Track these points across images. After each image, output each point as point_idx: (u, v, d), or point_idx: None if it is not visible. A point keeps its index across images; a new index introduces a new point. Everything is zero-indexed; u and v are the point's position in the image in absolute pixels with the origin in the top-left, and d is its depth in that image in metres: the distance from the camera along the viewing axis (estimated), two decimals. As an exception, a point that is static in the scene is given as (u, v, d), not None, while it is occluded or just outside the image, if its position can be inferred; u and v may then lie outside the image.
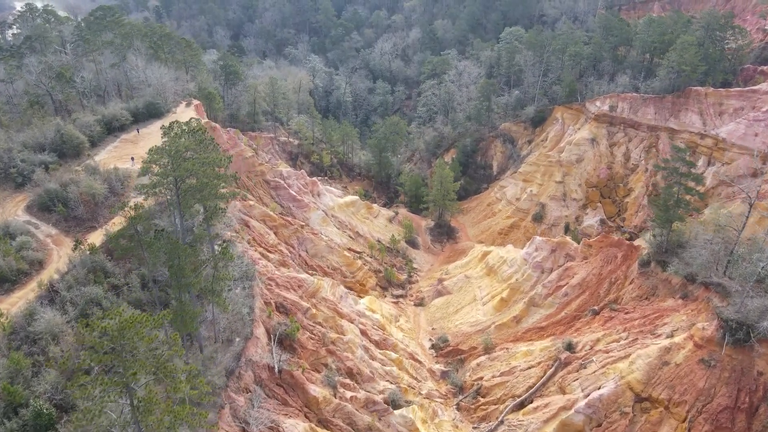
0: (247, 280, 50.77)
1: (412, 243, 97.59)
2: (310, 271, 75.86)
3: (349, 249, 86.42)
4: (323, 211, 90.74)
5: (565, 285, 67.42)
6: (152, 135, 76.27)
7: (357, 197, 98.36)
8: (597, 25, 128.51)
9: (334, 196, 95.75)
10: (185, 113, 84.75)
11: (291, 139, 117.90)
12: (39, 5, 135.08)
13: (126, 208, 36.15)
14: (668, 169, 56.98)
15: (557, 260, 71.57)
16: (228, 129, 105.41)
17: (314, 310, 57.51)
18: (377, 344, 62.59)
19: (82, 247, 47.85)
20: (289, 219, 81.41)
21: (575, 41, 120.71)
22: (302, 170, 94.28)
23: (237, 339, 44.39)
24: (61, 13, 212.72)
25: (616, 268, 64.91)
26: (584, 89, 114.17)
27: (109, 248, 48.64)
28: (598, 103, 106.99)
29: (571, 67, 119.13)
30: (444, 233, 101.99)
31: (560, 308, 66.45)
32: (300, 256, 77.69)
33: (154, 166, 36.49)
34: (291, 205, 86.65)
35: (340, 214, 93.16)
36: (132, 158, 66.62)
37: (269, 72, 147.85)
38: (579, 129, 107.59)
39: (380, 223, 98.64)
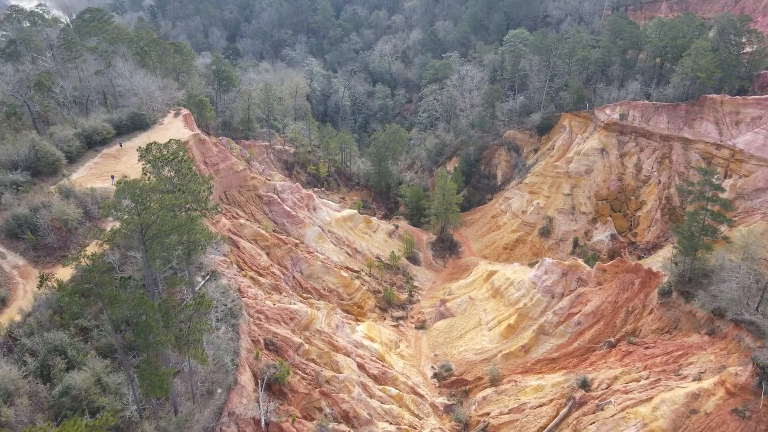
0: (232, 318, 46.08)
1: (413, 259, 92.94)
2: (305, 295, 71.25)
3: (347, 268, 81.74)
4: (319, 226, 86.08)
5: (577, 313, 62.75)
6: (136, 149, 71.63)
7: (355, 211, 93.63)
8: (605, 28, 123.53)
9: (330, 210, 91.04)
10: (173, 124, 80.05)
11: (287, 147, 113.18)
12: (28, 7, 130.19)
13: (81, 257, 31.31)
14: (693, 193, 52.23)
15: (569, 284, 66.89)
16: (220, 138, 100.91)
17: (307, 346, 52.85)
18: (376, 379, 57.95)
19: (49, 283, 43.16)
20: (283, 237, 76.73)
21: (582, 45, 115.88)
22: (297, 183, 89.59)
23: (218, 390, 39.73)
24: (55, 12, 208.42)
25: (633, 296, 60.23)
26: (593, 96, 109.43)
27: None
28: (607, 111, 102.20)
29: (579, 72, 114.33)
30: (446, 248, 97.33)
31: (573, 338, 61.79)
32: (294, 277, 73.03)
33: (114, 210, 31.69)
34: (285, 222, 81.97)
35: (338, 230, 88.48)
36: (112, 176, 61.88)
37: (265, 76, 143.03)
38: (588, 138, 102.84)
39: (379, 238, 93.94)
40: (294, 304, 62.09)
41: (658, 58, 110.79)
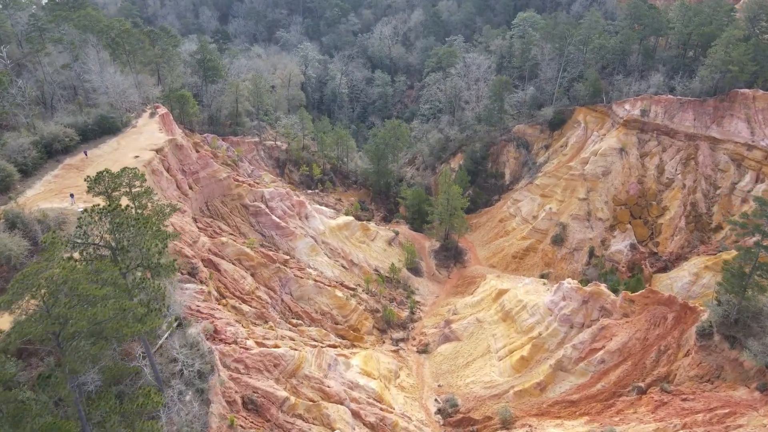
0: (201, 381, 38.80)
1: (415, 270, 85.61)
2: (294, 321, 64.03)
3: (342, 285, 74.40)
4: (312, 237, 78.48)
5: (601, 349, 55.57)
6: (104, 158, 63.69)
7: (351, 218, 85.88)
8: (622, 12, 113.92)
9: (324, 218, 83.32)
10: (147, 127, 71.84)
11: (278, 143, 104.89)
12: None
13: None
14: (750, 227, 44.51)
15: (590, 314, 59.59)
16: (205, 136, 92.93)
17: (294, 399, 45.78)
18: (373, 428, 51.05)
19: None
20: (271, 253, 69.17)
21: (599, 31, 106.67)
22: (288, 188, 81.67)
23: (180, 483, 32.70)
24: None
25: (666, 333, 52.95)
26: (610, 88, 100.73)
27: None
28: (627, 107, 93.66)
29: (595, 61, 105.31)
30: (450, 256, 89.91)
31: (595, 378, 54.73)
32: (283, 301, 65.73)
33: (18, 303, 24.00)
34: (274, 234, 74.35)
35: (332, 240, 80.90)
36: (72, 195, 54.05)
37: (257, 62, 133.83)
38: (605, 135, 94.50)
39: (378, 247, 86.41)
40: (280, 341, 54.96)
41: (683, 46, 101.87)
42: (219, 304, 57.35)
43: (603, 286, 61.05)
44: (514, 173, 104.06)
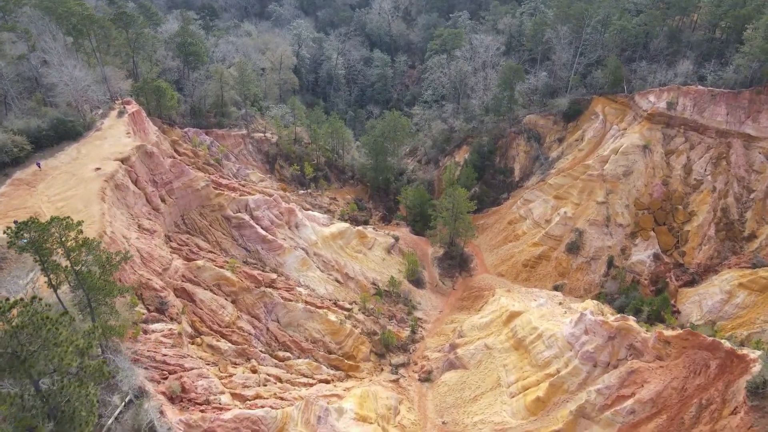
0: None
1: (417, 281, 78.29)
2: (281, 353, 56.88)
3: (336, 304, 67.10)
4: (303, 249, 70.81)
5: (630, 396, 48.54)
6: (60, 170, 55.54)
7: (346, 225, 78.04)
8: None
9: (317, 226, 75.47)
10: (114, 129, 63.37)
11: (268, 135, 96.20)
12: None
13: None
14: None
15: (616, 352, 52.35)
16: (186, 130, 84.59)
17: (275, 475, 38.90)
18: (369, 493, 44.43)
19: None
20: (256, 273, 61.60)
21: (620, 11, 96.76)
22: (275, 195, 73.52)
23: None
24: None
25: (708, 384, 45.78)
26: (631, 76, 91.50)
27: None
28: (651, 98, 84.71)
29: (615, 45, 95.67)
30: (455, 264, 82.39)
31: (624, 431, 47.85)
32: (268, 330, 58.46)
33: None
34: (260, 248, 66.63)
35: (325, 251, 73.24)
36: (15, 222, 46.06)
37: (246, 42, 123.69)
38: (626, 130, 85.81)
39: (376, 257, 78.84)
40: (263, 388, 47.93)
41: (712, 29, 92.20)
42: (192, 343, 50.14)
43: (632, 320, 53.62)
44: (524, 169, 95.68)
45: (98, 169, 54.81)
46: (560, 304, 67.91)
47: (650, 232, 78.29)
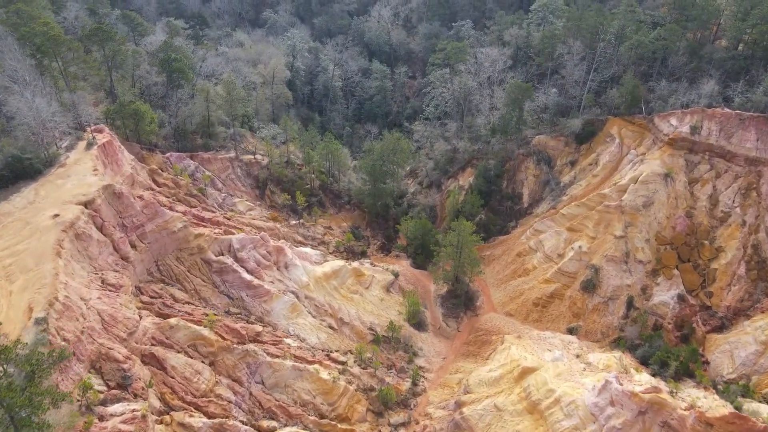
0: None
1: (418, 324, 71.73)
2: (266, 423, 50.24)
3: (329, 357, 60.49)
4: (293, 293, 64.18)
5: (666, 487, 41.99)
6: (13, 218, 48.87)
7: (342, 263, 71.41)
8: (668, 1, 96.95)
9: (309, 265, 68.82)
10: (79, 165, 56.71)
11: (258, 157, 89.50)
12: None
13: None
14: None
15: (648, 429, 45.72)
16: (168, 155, 78.46)
17: None
18: None
19: None
20: (239, 326, 55.00)
21: (637, 25, 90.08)
22: (263, 233, 66.85)
23: None
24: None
25: (760, 481, 39.17)
26: (650, 96, 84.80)
27: None
28: (673, 121, 78.02)
29: (632, 61, 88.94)
30: (460, 303, 75.76)
31: None
32: (251, 394, 51.83)
33: None
34: (244, 295, 60.00)
35: (318, 294, 66.62)
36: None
37: (237, 53, 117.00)
38: (644, 155, 79.13)
39: (374, 297, 72.19)
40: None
41: (735, 43, 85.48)
42: (161, 422, 43.47)
43: (666, 392, 47.14)
44: (533, 194, 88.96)
45: (56, 215, 48.23)
46: (578, 356, 61.36)
47: (673, 270, 71.61)
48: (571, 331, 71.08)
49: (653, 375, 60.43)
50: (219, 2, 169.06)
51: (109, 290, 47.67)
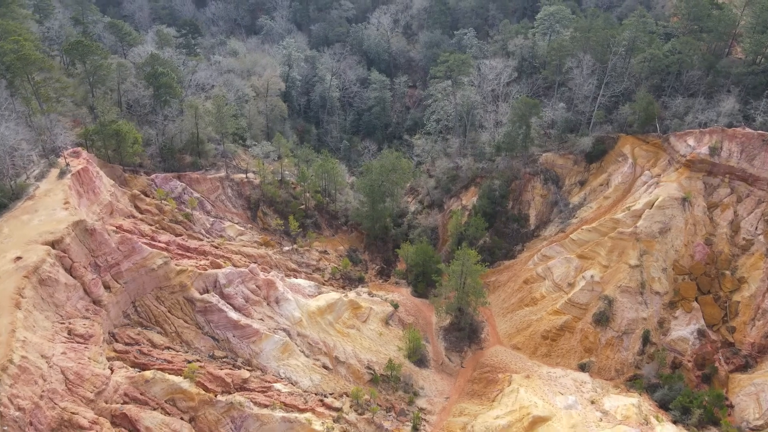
0: None
1: (420, 360, 66.98)
2: (252, 486, 45.47)
3: (323, 402, 55.66)
4: (284, 330, 59.42)
5: None
6: (-29, 260, 44.10)
7: (337, 296, 66.67)
8: (679, 10, 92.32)
9: (302, 298, 64.08)
10: (50, 197, 52.04)
11: (250, 176, 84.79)
12: None
13: None
14: None
15: (677, 501, 41.02)
16: (154, 176, 74.00)
17: None
18: None
19: None
20: (224, 374, 50.26)
21: (651, 37, 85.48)
22: (253, 266, 62.04)
23: None
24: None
25: None
26: (664, 112, 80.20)
27: None
28: (690, 142, 73.37)
29: (644, 75, 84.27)
30: (464, 336, 71.03)
31: None
32: (236, 453, 47.06)
33: None
34: (230, 336, 55.26)
35: (312, 330, 61.86)
36: None
37: (230, 62, 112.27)
38: (660, 177, 74.52)
39: (372, 331, 67.45)
40: None
41: (756, 58, 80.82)
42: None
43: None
44: (540, 215, 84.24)
45: (18, 258, 43.47)
46: (592, 402, 56.70)
47: (693, 302, 66.95)
48: (582, 368, 66.41)
49: (674, 422, 56.09)
50: (214, 8, 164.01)
51: (77, 342, 42.93)
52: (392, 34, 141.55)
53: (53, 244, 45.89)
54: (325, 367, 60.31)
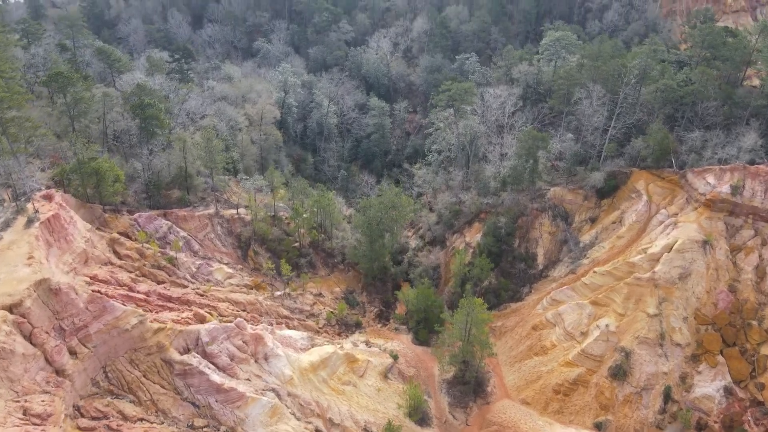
0: None
1: (421, 418, 61.51)
2: None
3: (314, 475, 50.31)
4: (274, 390, 54.15)
5: None
6: None
7: (332, 349, 61.47)
8: (691, 38, 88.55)
9: (293, 352, 58.90)
10: (14, 249, 47.28)
11: (241, 212, 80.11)
12: None
13: None
14: None
15: None
16: (137, 215, 68.87)
17: None
18: None
19: None
20: (202, 449, 44.97)
21: (662, 65, 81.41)
22: (240, 319, 56.95)
23: None
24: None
25: None
26: (679, 147, 75.81)
27: None
28: (710, 179, 68.78)
29: (657, 107, 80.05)
30: (469, 390, 65.64)
31: None
32: None
33: None
34: (212, 401, 49.98)
35: (304, 389, 56.56)
36: None
37: (225, 89, 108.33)
38: (677, 216, 69.82)
39: (370, 388, 62.13)
40: None
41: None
42: None
43: None
44: (549, 254, 79.39)
45: (-30, 328, 38.49)
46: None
47: (717, 356, 61.74)
48: (599, 427, 61.00)
49: (704, 497, 50.47)
50: (211, 30, 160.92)
51: (33, 423, 37.77)
52: (392, 58, 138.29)
53: (11, 308, 40.96)
54: (318, 431, 54.94)
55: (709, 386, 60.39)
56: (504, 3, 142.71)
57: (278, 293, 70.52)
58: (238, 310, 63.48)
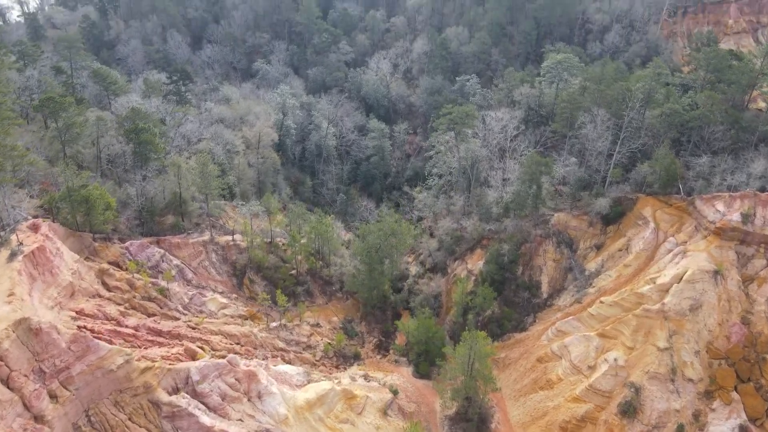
0: None
1: (422, 459, 58.70)
2: None
3: None
4: (267, 431, 51.47)
5: None
6: None
7: (329, 386, 58.83)
8: (696, 61, 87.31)
9: (288, 390, 56.29)
10: (-5, 285, 44.81)
11: (237, 238, 78.04)
12: None
13: None
14: None
15: None
16: (128, 244, 66.83)
17: None
18: None
19: None
20: (190, 499, 42.19)
21: (668, 89, 79.97)
22: (232, 356, 54.44)
23: None
24: None
25: None
26: (686, 171, 73.98)
27: None
28: (720, 207, 66.77)
29: (663, 131, 78.42)
30: (473, 428, 62.85)
31: None
32: None
33: None
34: (202, 445, 47.34)
35: (299, 429, 53.84)
36: None
37: (222, 111, 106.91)
38: (686, 244, 67.73)
39: (369, 425, 59.40)
40: None
41: (783, 112, 75.10)
42: None
43: None
44: (553, 282, 77.07)
45: (-58, 373, 36.14)
46: None
47: (731, 392, 59.16)
48: (608, 468, 58.17)
49: None
50: (210, 51, 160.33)
51: (7, 478, 35.25)
52: (392, 79, 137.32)
53: (-12, 351, 38.66)
54: (313, 474, 52.22)
55: (724, 425, 57.69)
56: (504, 24, 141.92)
57: (274, 324, 68.02)
58: (231, 344, 61.01)
